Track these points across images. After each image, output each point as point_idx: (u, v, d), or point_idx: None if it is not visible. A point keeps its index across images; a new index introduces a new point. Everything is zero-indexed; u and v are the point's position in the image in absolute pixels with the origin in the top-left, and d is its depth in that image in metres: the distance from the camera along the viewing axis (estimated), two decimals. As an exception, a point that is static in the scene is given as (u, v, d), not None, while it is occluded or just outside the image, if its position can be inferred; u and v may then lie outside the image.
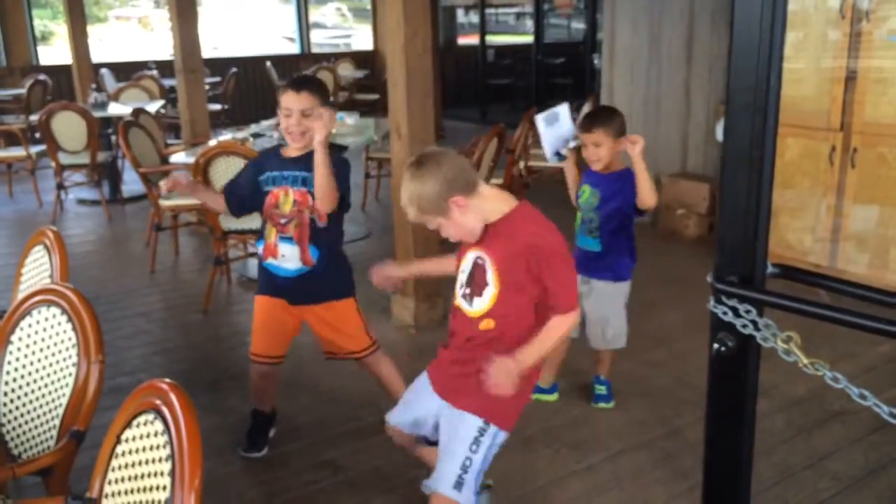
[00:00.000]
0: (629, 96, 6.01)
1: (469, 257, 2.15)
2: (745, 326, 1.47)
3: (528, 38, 11.01)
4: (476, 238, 2.10)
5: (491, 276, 2.07)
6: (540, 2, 10.68)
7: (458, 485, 2.11)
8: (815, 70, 4.48)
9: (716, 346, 1.53)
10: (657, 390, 3.51)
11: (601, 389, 3.36)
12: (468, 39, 12.17)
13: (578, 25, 10.70)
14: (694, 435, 3.07)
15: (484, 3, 11.47)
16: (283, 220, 2.74)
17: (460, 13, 12.42)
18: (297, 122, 2.65)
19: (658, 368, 3.72)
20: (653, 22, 5.85)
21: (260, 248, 2.87)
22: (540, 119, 2.99)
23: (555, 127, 3.01)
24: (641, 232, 5.85)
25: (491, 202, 2.08)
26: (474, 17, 11.86)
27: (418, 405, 2.35)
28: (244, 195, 2.87)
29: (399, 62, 3.93)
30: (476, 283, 2.12)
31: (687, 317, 4.24)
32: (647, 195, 2.93)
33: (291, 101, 2.65)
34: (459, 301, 2.17)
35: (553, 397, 3.44)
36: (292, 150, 2.77)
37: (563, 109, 3.06)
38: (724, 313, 1.49)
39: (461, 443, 2.13)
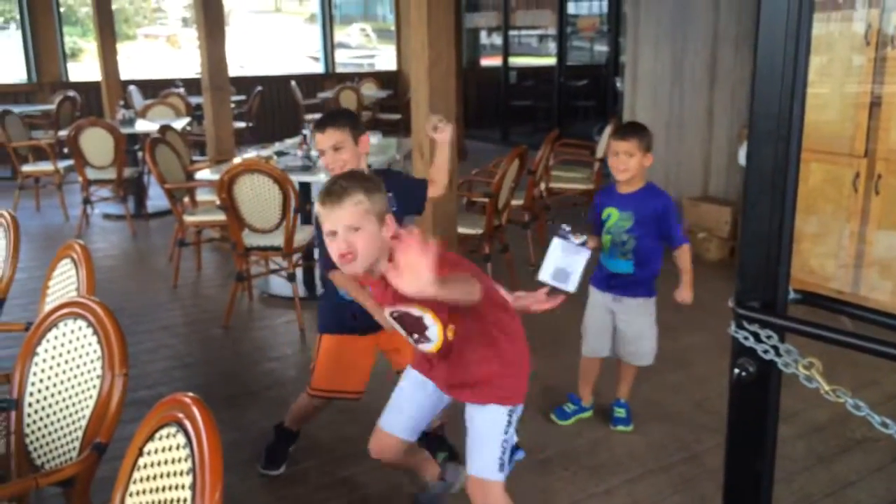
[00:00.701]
0: (651, 119, 6.02)
1: (386, 313, 2.20)
2: (766, 352, 1.46)
3: (551, 61, 11.05)
4: (363, 271, 2.04)
5: (423, 316, 2.11)
6: (563, 24, 10.74)
7: (501, 466, 2.27)
8: (840, 96, 4.47)
9: (736, 371, 1.52)
10: (676, 415, 3.49)
11: (620, 413, 3.35)
12: (491, 61, 12.24)
13: (601, 48, 10.74)
14: (713, 460, 3.04)
15: (507, 25, 11.55)
16: None
17: (483, 35, 12.51)
18: (333, 159, 2.70)
19: (677, 393, 3.69)
20: (676, 45, 5.86)
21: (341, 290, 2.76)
22: (552, 282, 2.89)
23: (565, 264, 2.96)
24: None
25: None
26: (497, 39, 11.94)
27: (413, 405, 2.42)
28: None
29: (423, 84, 3.98)
30: (416, 329, 2.16)
31: (707, 341, 4.21)
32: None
33: (322, 142, 2.72)
34: (416, 346, 2.26)
35: (589, 413, 3.48)
36: None
37: (546, 273, 2.95)
38: (746, 338, 1.49)
39: (494, 431, 2.26)
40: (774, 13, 1.43)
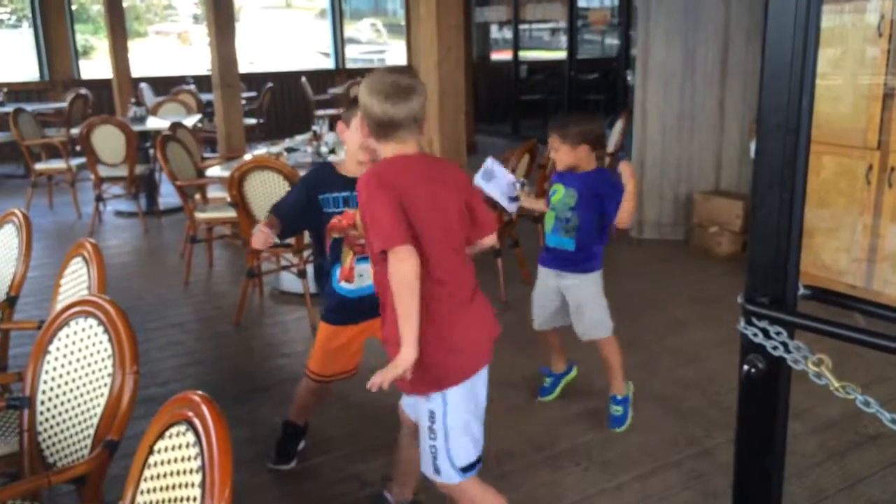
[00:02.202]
0: (662, 112, 5.99)
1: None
2: (775, 348, 1.46)
3: (562, 54, 11.02)
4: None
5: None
6: (574, 18, 10.69)
7: (437, 470, 2.20)
8: (852, 88, 4.42)
9: (746, 367, 1.51)
10: (688, 410, 3.48)
11: (617, 410, 3.28)
12: (501, 55, 12.21)
13: (612, 41, 10.69)
14: (724, 456, 3.02)
15: (518, 19, 11.51)
16: (361, 241, 2.73)
17: (494, 29, 12.47)
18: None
19: (689, 388, 3.68)
20: (687, 38, 5.82)
21: (336, 273, 2.80)
22: (479, 179, 3.08)
23: (494, 181, 3.10)
24: (674, 249, 5.87)
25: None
26: (508, 33, 11.91)
27: None
28: (293, 216, 2.81)
29: (432, 78, 3.97)
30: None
31: (718, 336, 4.19)
32: (623, 216, 3.02)
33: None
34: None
35: (574, 373, 3.60)
36: (354, 170, 2.76)
37: (490, 163, 3.13)
38: (755, 335, 1.48)
39: (422, 424, 2.20)
40: (783, 5, 1.42)
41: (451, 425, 2.17)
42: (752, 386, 1.55)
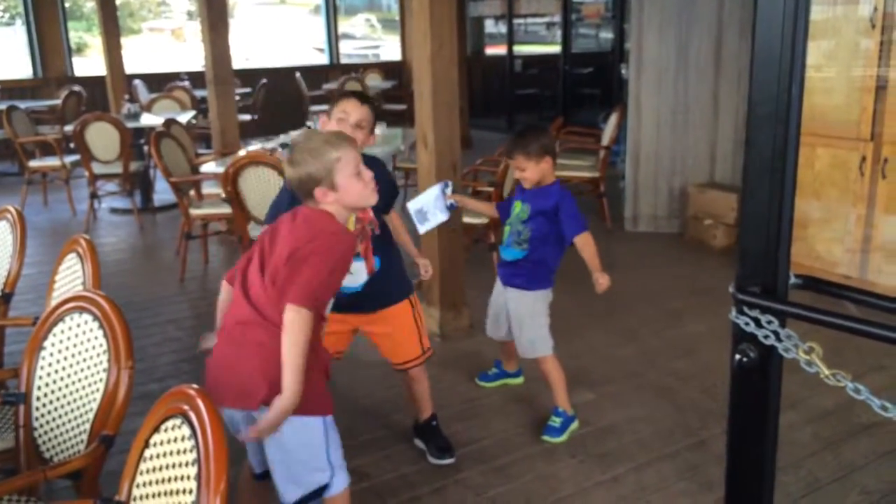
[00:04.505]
0: (656, 106, 5.99)
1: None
2: (766, 337, 1.46)
3: (556, 48, 11.01)
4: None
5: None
6: (568, 12, 10.69)
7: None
8: (846, 79, 4.44)
9: (738, 356, 1.52)
10: (683, 401, 3.49)
11: (555, 421, 3.21)
12: (496, 49, 12.20)
13: (606, 35, 10.69)
14: (720, 447, 3.03)
15: (512, 14, 11.50)
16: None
17: (488, 23, 12.46)
18: (351, 130, 2.64)
19: (684, 379, 3.69)
20: (681, 31, 5.83)
21: None
22: (421, 228, 3.24)
23: (429, 214, 3.20)
24: (669, 242, 5.88)
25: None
26: (502, 28, 11.90)
27: None
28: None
29: (426, 73, 3.96)
30: None
31: (713, 327, 4.21)
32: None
33: (352, 108, 2.69)
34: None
35: (520, 380, 3.64)
36: None
37: (413, 208, 3.23)
38: (747, 324, 1.49)
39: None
40: (772, -3, 1.43)
41: None
42: (743, 375, 1.56)
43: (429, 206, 3.16)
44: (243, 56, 13.39)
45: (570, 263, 3.31)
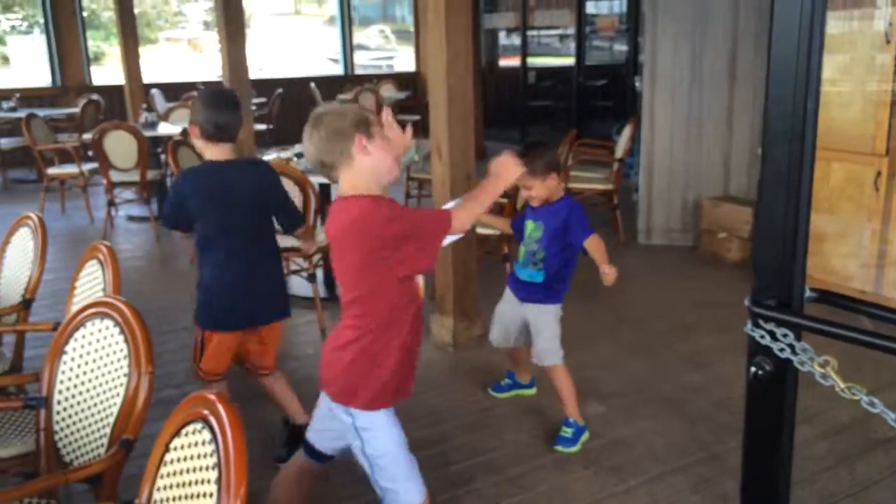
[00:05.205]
0: (670, 118, 6.00)
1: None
2: (782, 350, 1.47)
3: (570, 60, 11.04)
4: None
5: None
6: (582, 24, 10.72)
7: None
8: (861, 94, 4.44)
9: (753, 369, 1.53)
10: (696, 414, 3.49)
11: (566, 432, 3.22)
12: (510, 61, 12.25)
13: (620, 47, 10.71)
14: (734, 460, 3.03)
15: (526, 26, 11.55)
16: None
17: (502, 35, 12.51)
18: None
19: (697, 392, 3.69)
20: (695, 44, 5.84)
21: None
22: None
23: None
24: (682, 255, 5.88)
25: None
26: (516, 40, 11.95)
27: None
28: None
29: (440, 84, 3.99)
30: None
31: (727, 341, 4.20)
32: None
33: None
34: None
35: (532, 391, 3.64)
36: None
37: None
38: (762, 337, 1.50)
39: None
40: (788, 11, 1.45)
41: None
42: (759, 388, 1.57)
43: None
44: (258, 66, 13.50)
45: (582, 276, 3.33)
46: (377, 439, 2.17)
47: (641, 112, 6.22)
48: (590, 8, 10.85)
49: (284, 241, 4.52)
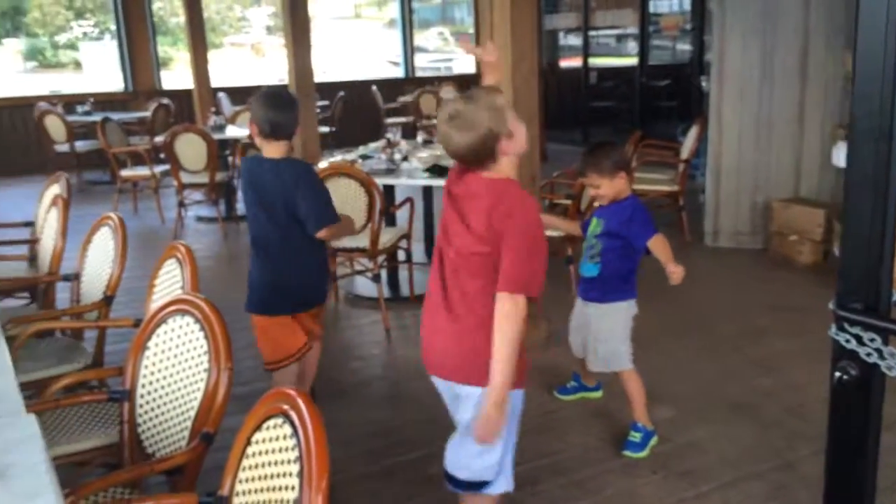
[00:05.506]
0: (739, 119, 5.88)
1: None
2: (869, 355, 1.44)
3: (632, 61, 10.92)
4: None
5: None
6: (645, 23, 10.59)
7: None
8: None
9: (837, 374, 1.50)
10: (769, 420, 3.41)
11: (635, 436, 3.18)
12: (570, 62, 12.17)
13: (684, 46, 10.54)
14: (808, 469, 2.96)
15: (587, 26, 11.46)
16: None
17: (562, 35, 12.45)
18: None
19: (770, 397, 3.61)
20: (765, 41, 5.71)
21: None
22: None
23: None
24: (751, 258, 5.76)
25: None
26: (576, 40, 11.86)
27: None
28: None
29: (506, 86, 3.98)
30: None
31: (800, 346, 4.10)
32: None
33: None
34: None
35: (598, 394, 3.63)
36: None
37: None
38: (847, 341, 1.47)
39: None
40: (874, 8, 1.41)
41: None
42: (843, 393, 1.53)
43: None
44: (320, 69, 13.70)
45: (650, 278, 3.29)
46: None
47: (708, 112, 6.11)
48: (653, 7, 10.71)
49: (347, 241, 4.61)
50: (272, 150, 2.95)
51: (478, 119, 2.07)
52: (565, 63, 12.42)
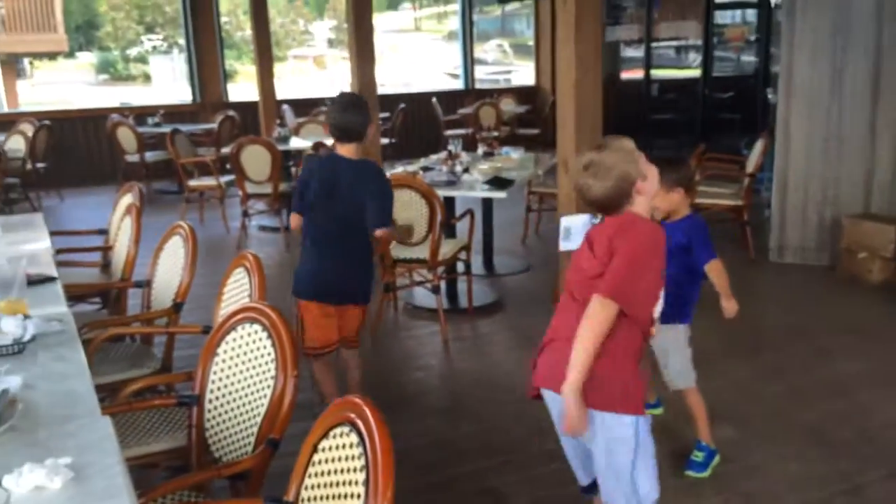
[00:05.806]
0: (807, 133, 5.74)
1: None
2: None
3: (695, 73, 10.77)
4: None
5: None
6: (709, 35, 10.44)
7: None
8: None
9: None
10: (836, 443, 3.31)
11: (697, 456, 3.12)
12: (632, 74, 12.06)
13: (749, 58, 10.36)
14: (877, 494, 2.87)
15: (650, 38, 11.35)
16: None
17: (623, 47, 12.35)
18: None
19: (837, 420, 3.50)
20: (835, 56, 5.58)
21: None
22: (562, 244, 3.27)
23: (573, 236, 3.19)
24: (818, 275, 5.61)
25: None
26: (637, 52, 11.75)
27: None
28: None
29: (569, 100, 3.99)
30: None
31: (869, 367, 3.97)
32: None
33: None
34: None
35: (659, 410, 3.56)
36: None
37: (564, 222, 3.28)
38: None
39: None
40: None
41: None
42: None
43: (576, 229, 3.18)
44: (381, 82, 13.87)
45: (713, 297, 3.23)
46: None
47: (774, 125, 5.98)
48: (717, 18, 10.56)
49: (407, 252, 4.64)
50: (345, 150, 3.23)
51: (613, 164, 2.14)
52: (626, 75, 12.31)
